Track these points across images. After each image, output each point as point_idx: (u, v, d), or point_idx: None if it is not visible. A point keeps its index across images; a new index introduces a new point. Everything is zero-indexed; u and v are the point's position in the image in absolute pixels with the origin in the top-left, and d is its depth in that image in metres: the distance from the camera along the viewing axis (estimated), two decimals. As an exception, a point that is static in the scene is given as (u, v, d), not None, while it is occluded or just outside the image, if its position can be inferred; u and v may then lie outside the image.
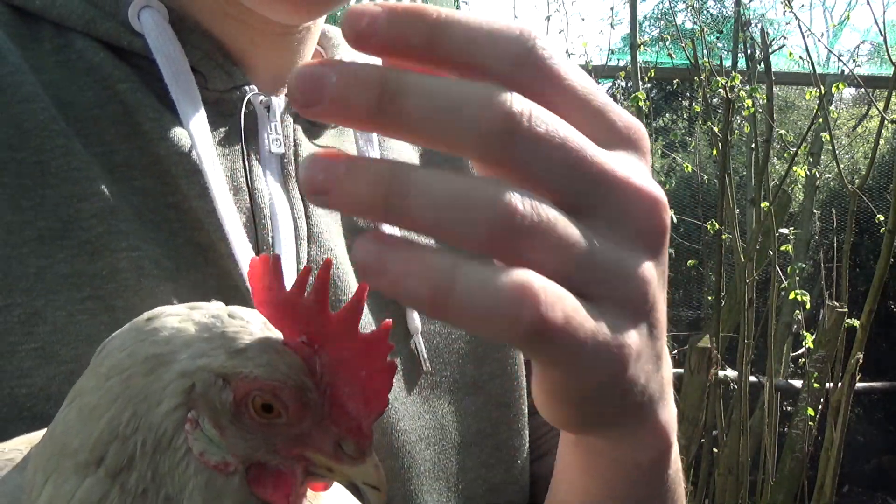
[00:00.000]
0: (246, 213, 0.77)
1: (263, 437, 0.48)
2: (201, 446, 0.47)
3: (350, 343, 0.48)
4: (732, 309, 3.66)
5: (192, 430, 0.47)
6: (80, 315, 0.68)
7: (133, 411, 0.47)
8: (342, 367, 0.48)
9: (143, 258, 0.70)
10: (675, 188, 5.52)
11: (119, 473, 0.46)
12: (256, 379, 0.47)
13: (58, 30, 0.78)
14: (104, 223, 0.70)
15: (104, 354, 0.50)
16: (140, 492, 0.46)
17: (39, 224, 0.69)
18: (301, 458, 0.49)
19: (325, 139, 0.87)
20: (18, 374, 0.65)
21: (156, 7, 0.77)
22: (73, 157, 0.71)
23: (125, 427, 0.47)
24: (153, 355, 0.48)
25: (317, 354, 0.48)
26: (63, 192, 0.70)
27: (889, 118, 3.33)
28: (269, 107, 0.82)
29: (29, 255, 0.68)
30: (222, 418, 0.47)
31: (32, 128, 0.71)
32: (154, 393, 0.47)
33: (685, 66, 4.10)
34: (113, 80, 0.76)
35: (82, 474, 0.47)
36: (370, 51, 0.39)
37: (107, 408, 0.47)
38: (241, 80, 0.81)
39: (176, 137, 0.75)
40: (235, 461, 0.48)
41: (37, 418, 0.63)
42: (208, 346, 0.48)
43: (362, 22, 0.39)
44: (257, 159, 0.80)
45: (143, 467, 0.47)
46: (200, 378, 0.47)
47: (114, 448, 0.47)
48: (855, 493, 5.51)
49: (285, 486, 0.49)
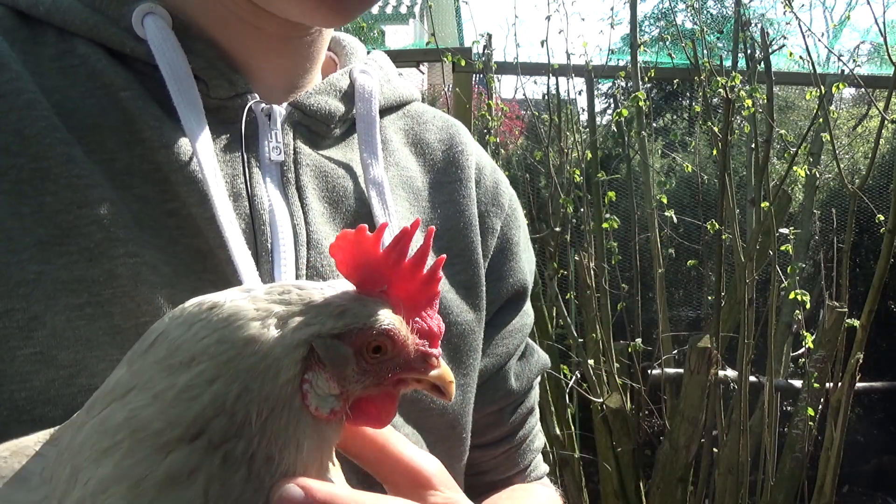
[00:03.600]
0: (245, 219, 0.77)
1: (375, 375, 0.58)
2: (316, 402, 0.55)
3: (416, 281, 0.60)
4: (732, 309, 3.66)
5: (309, 388, 0.55)
6: (79, 320, 0.68)
7: (244, 387, 0.52)
8: (412, 301, 0.60)
9: (141, 264, 0.71)
10: (675, 188, 5.52)
11: (225, 443, 0.51)
12: (371, 328, 0.57)
13: (61, 35, 0.78)
14: (103, 230, 0.70)
15: (168, 351, 0.53)
16: (248, 457, 0.52)
17: (39, 231, 0.69)
18: (399, 380, 0.60)
19: (330, 151, 0.88)
20: (18, 378, 0.66)
21: (159, 14, 0.78)
22: (74, 165, 0.71)
23: (234, 402, 0.52)
24: (252, 337, 0.53)
25: (392, 296, 0.59)
26: (63, 199, 0.70)
27: (889, 118, 3.33)
28: (270, 115, 0.83)
29: (28, 261, 0.68)
30: (347, 368, 0.56)
31: (33, 135, 0.71)
32: (268, 368, 0.53)
33: (685, 66, 4.10)
34: (115, 88, 0.76)
35: (164, 451, 0.51)
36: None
37: (203, 388, 0.52)
38: (243, 88, 0.82)
39: (176, 145, 0.75)
40: (343, 407, 0.57)
41: (36, 421, 0.64)
42: (307, 317, 0.55)
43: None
44: (257, 166, 0.81)
45: (251, 434, 0.52)
46: (318, 343, 0.55)
47: (220, 421, 0.51)
48: (855, 493, 5.51)
49: (383, 409, 0.60)
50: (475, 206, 0.98)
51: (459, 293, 0.92)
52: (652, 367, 4.01)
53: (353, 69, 0.93)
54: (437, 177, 0.97)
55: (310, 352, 0.54)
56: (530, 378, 1.05)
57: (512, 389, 1.01)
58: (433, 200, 0.94)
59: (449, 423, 0.90)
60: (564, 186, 3.85)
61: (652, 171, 4.34)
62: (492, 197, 1.02)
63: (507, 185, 1.06)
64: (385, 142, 0.93)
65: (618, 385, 3.61)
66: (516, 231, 1.04)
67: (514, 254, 1.03)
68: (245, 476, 0.52)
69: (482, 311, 0.95)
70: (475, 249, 0.95)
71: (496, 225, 1.01)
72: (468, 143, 1.03)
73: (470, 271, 0.94)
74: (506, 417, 1.02)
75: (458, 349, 0.91)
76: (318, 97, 0.87)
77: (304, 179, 0.83)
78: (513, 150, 6.19)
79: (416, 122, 1.00)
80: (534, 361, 1.06)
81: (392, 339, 0.58)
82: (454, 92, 4.56)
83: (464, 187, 0.97)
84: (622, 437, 3.58)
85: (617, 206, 4.17)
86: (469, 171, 0.99)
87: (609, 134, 5.55)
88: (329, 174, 0.85)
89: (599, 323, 3.62)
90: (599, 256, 3.80)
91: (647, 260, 4.37)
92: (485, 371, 0.97)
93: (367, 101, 0.89)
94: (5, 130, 0.71)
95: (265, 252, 0.77)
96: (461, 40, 8.69)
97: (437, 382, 0.61)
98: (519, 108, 6.32)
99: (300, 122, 0.85)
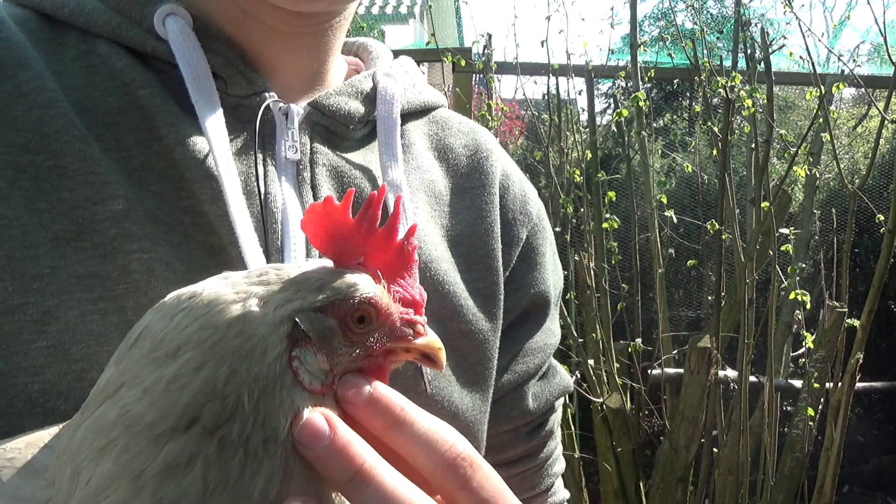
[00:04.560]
0: (258, 217, 0.78)
1: (362, 346, 0.58)
2: (308, 378, 0.55)
3: (391, 250, 0.61)
4: (732, 309, 3.66)
5: (299, 365, 0.54)
6: (92, 315, 0.69)
7: (231, 370, 0.52)
8: (390, 271, 0.61)
9: (155, 260, 0.71)
10: (675, 188, 5.52)
11: (219, 428, 0.51)
12: (352, 297, 0.57)
13: (84, 36, 0.80)
14: (117, 226, 0.71)
15: (152, 345, 0.53)
16: (244, 439, 0.52)
17: (55, 226, 0.70)
18: (388, 351, 0.60)
19: (350, 153, 0.88)
20: (32, 371, 0.67)
21: (180, 14, 0.79)
22: (91, 162, 0.72)
23: (224, 386, 0.52)
24: (234, 319, 0.53)
25: (370, 267, 0.60)
26: (79, 195, 0.71)
27: (889, 118, 3.34)
28: (288, 114, 0.83)
29: (44, 256, 0.69)
30: (333, 340, 0.56)
31: (51, 132, 0.72)
32: (254, 348, 0.53)
33: (685, 66, 4.11)
34: (134, 86, 0.77)
35: (161, 443, 0.51)
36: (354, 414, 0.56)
37: (191, 376, 0.52)
38: (261, 87, 0.82)
39: (192, 143, 0.76)
40: (335, 380, 0.57)
41: (49, 414, 0.65)
42: (287, 293, 0.55)
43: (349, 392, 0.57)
44: (273, 165, 0.81)
45: (245, 416, 0.52)
46: (302, 318, 0.54)
47: (211, 406, 0.51)
48: (855, 493, 5.51)
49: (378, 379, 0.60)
50: (497, 213, 0.96)
51: (476, 301, 0.91)
52: (652, 367, 4.02)
53: (376, 72, 0.93)
54: (459, 182, 0.96)
55: (294, 328, 0.54)
56: (549, 399, 1.01)
57: (528, 409, 0.98)
58: (454, 206, 0.93)
59: (462, 429, 0.88)
60: (564, 186, 3.86)
61: (652, 171, 4.35)
62: (520, 206, 1.00)
63: (535, 197, 1.04)
64: (408, 145, 0.93)
65: (618, 385, 3.61)
66: (543, 242, 1.02)
67: (538, 264, 1.00)
68: (242, 459, 0.51)
69: (499, 321, 0.93)
70: (495, 257, 0.94)
71: (522, 234, 0.99)
72: (494, 149, 1.01)
73: (489, 279, 0.92)
74: (521, 438, 0.99)
75: (472, 357, 0.89)
76: (337, 98, 0.87)
77: (319, 179, 0.83)
78: (513, 150, 6.19)
79: (440, 128, 0.99)
80: (555, 383, 1.02)
81: (375, 306, 0.58)
82: (454, 92, 4.56)
83: (486, 193, 0.96)
84: (622, 437, 3.59)
85: (617, 206, 4.17)
86: (493, 178, 0.98)
87: (609, 134, 5.56)
88: (345, 175, 0.85)
89: (599, 323, 3.63)
90: (599, 256, 3.80)
91: (647, 260, 4.38)
92: (502, 387, 0.95)
93: (388, 104, 0.89)
94: (26, 128, 0.72)
95: (276, 250, 0.78)
96: (461, 40, 8.71)
97: (427, 350, 0.61)
98: (519, 108, 6.32)
99: (319, 123, 0.86)
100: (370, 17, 13.87)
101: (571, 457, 3.56)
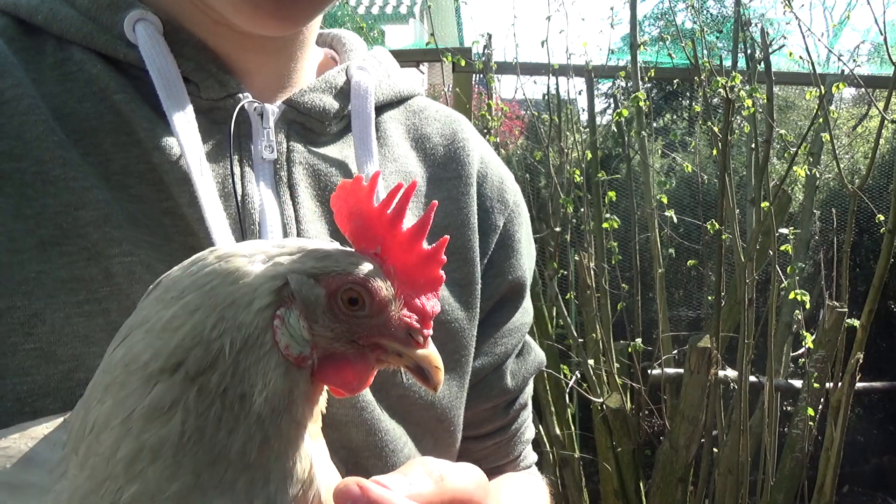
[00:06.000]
0: (234, 218, 0.79)
1: (348, 328, 0.57)
2: (286, 340, 0.55)
3: (415, 254, 0.60)
4: (732, 309, 3.66)
5: (280, 325, 0.55)
6: (77, 317, 0.71)
7: (220, 316, 0.53)
8: (410, 275, 0.59)
9: (136, 263, 0.73)
10: (675, 188, 5.52)
11: (200, 375, 0.52)
12: (349, 274, 0.57)
13: (60, 44, 0.81)
14: (99, 230, 0.72)
15: (165, 288, 0.55)
16: (221, 391, 0.52)
17: (40, 231, 0.72)
18: (376, 346, 0.59)
19: (326, 148, 0.88)
20: (20, 373, 0.68)
21: (150, 20, 0.80)
22: (71, 167, 0.74)
23: (210, 331, 0.53)
24: (237, 268, 0.55)
25: (387, 262, 0.59)
26: (62, 200, 0.73)
27: (889, 118, 3.33)
28: (263, 114, 0.84)
29: (30, 261, 0.71)
30: (317, 310, 0.56)
31: (33, 139, 0.73)
32: (244, 296, 0.54)
33: (685, 66, 4.10)
34: (110, 91, 0.78)
35: (151, 383, 0.52)
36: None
37: (186, 318, 0.53)
38: (234, 89, 0.83)
39: (168, 146, 0.77)
40: (313, 354, 0.57)
41: (37, 413, 0.66)
42: (293, 256, 0.56)
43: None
44: (249, 165, 0.82)
45: (224, 366, 0.53)
46: (293, 278, 0.55)
47: (196, 352, 0.52)
48: (855, 493, 5.51)
49: (356, 372, 0.59)
50: (475, 203, 0.97)
51: (453, 291, 0.93)
52: (652, 367, 4.02)
53: (350, 66, 0.93)
54: (436, 172, 0.97)
55: (284, 286, 0.55)
56: (526, 377, 1.06)
57: (507, 388, 1.02)
58: (431, 196, 0.95)
59: (436, 417, 0.91)
60: (564, 186, 3.86)
61: (652, 171, 4.34)
62: (497, 193, 1.02)
63: (512, 182, 1.06)
64: (384, 137, 0.94)
65: (618, 385, 3.61)
66: (518, 228, 1.04)
67: (514, 250, 1.03)
68: (219, 411, 0.52)
69: (475, 310, 0.95)
70: (472, 247, 0.95)
71: (499, 222, 1.01)
72: (471, 138, 1.02)
73: (465, 269, 0.94)
74: (500, 413, 1.03)
75: (449, 346, 0.91)
76: (311, 94, 0.88)
77: (296, 177, 0.84)
78: (513, 150, 6.19)
79: (417, 117, 1.00)
80: (530, 360, 1.07)
81: (369, 293, 0.57)
82: (454, 92, 4.56)
83: (463, 184, 0.97)
84: (622, 437, 3.59)
85: (617, 206, 4.17)
86: (470, 168, 0.99)
87: (609, 134, 5.56)
88: (322, 172, 0.86)
89: (599, 323, 3.62)
90: (599, 256, 3.80)
91: (647, 260, 4.38)
92: (481, 369, 0.98)
93: (362, 98, 0.90)
94: (9, 136, 0.73)
95: None
96: (461, 40, 8.70)
97: (422, 364, 0.60)
98: (519, 108, 6.32)
99: (294, 120, 0.86)
100: (370, 16, 13.88)
101: (571, 457, 3.57)
